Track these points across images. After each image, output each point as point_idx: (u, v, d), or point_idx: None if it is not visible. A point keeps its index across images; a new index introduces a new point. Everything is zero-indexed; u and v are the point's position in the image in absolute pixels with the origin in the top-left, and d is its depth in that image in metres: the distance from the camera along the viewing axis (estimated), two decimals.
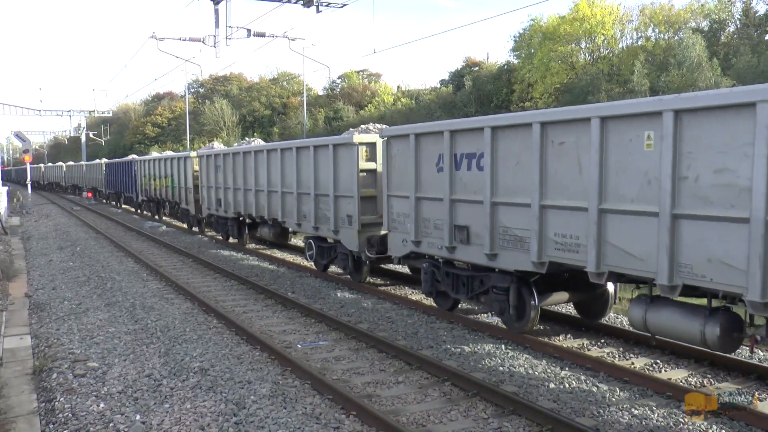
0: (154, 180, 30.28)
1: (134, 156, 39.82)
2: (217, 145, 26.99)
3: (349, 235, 13.87)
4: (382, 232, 12.94)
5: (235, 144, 27.39)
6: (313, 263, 16.24)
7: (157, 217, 32.19)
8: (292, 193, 16.18)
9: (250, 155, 18.76)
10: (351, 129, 16.49)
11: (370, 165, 13.60)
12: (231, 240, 22.09)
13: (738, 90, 6.79)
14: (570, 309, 11.86)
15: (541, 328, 10.60)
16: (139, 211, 36.18)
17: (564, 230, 8.60)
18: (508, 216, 9.51)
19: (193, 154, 25.53)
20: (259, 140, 23.32)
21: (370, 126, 15.65)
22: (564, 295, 10.08)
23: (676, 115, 7.10)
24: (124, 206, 40.69)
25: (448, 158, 10.51)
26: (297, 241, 21.29)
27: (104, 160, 51.52)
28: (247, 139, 29.48)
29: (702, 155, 6.94)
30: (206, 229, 25.22)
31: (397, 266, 15.18)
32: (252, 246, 21.16)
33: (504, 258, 9.67)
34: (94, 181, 50.74)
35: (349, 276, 14.66)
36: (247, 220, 20.40)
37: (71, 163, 69.81)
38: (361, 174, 13.48)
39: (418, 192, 11.34)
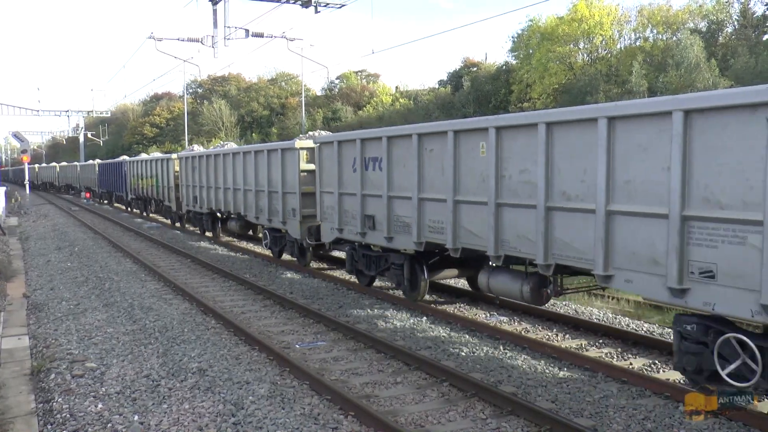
0: (142, 180, 32.60)
1: (125, 157, 42.10)
2: (197, 148, 29.72)
3: (293, 226, 16.36)
4: (318, 223, 15.16)
5: (212, 146, 29.87)
6: (269, 251, 18.81)
7: (144, 214, 34.38)
8: (251, 191, 18.79)
9: (220, 157, 21.39)
10: (302, 135, 19.21)
11: (311, 166, 15.71)
12: (207, 233, 24.39)
13: (531, 114, 9.48)
14: (569, 310, 11.87)
15: (539, 329, 10.62)
16: (129, 208, 38.30)
17: (434, 217, 10.94)
18: (399, 207, 11.85)
19: (174, 156, 28.12)
20: (232, 144, 26.55)
21: (316, 133, 18.14)
22: (453, 271, 12.44)
23: (497, 131, 9.42)
24: (116, 204, 42.71)
25: (360, 161, 12.78)
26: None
27: (97, 161, 53.75)
28: (221, 142, 31.79)
29: (513, 160, 9.26)
30: (187, 225, 27.33)
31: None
32: (226, 239, 23.44)
33: (397, 240, 12.00)
34: (87, 181, 52.63)
35: (295, 259, 17.20)
36: (220, 215, 22.95)
37: (64, 163, 71.53)
38: (302, 174, 15.89)
39: (340, 189, 13.55)
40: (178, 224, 28.46)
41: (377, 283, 14.16)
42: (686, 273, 6.91)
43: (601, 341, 9.86)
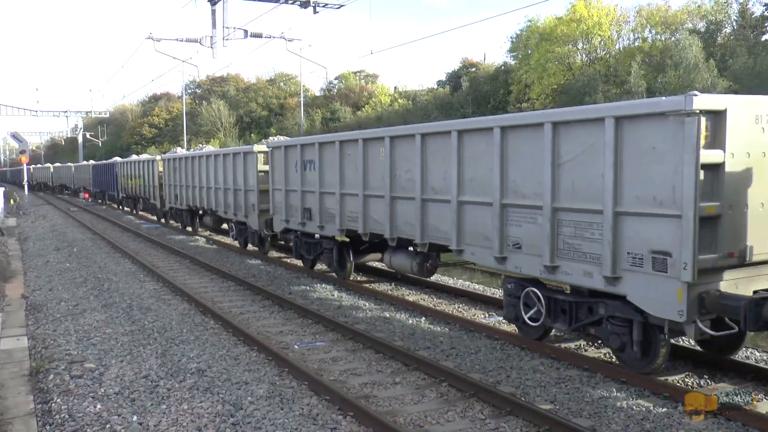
0: (131, 179, 35.30)
1: (117, 158, 44.65)
2: (180, 150, 32.54)
3: (253, 218, 18.84)
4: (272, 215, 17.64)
5: (189, 150, 33.56)
6: (236, 242, 21.55)
7: (134, 211, 36.54)
8: (221, 189, 21.51)
9: (197, 159, 24.10)
10: (262, 141, 23.33)
11: (267, 167, 17.80)
12: (187, 228, 26.82)
13: (410, 126, 12.36)
14: None
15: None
16: (120, 206, 40.70)
17: (351, 209, 13.41)
18: (328, 201, 14.29)
19: (158, 157, 30.98)
20: (210, 147, 30.19)
21: (274, 138, 21.49)
22: (377, 255, 14.65)
23: (390, 139, 12.00)
24: (107, 202, 45.24)
25: (300, 163, 15.32)
26: None
27: (91, 162, 56.33)
28: (200, 145, 34.28)
29: (401, 163, 11.79)
30: (170, 221, 29.60)
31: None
32: (205, 233, 25.76)
33: (327, 228, 14.42)
34: (81, 181, 54.83)
35: (257, 249, 19.72)
36: (197, 211, 25.56)
37: (58, 164, 74.12)
38: (260, 173, 18.29)
39: (286, 186, 16.12)
40: (162, 220, 30.69)
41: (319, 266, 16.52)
42: (505, 245, 9.50)
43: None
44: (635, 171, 7.59)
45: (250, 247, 20.56)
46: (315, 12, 25.33)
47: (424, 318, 11.53)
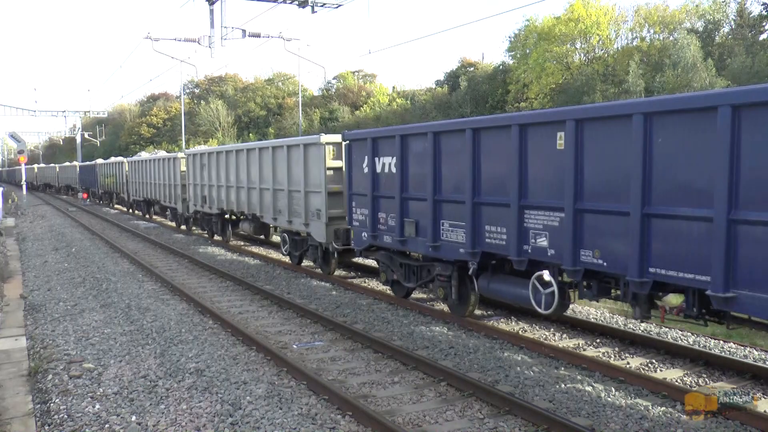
0: (107, 178, 42.88)
1: (99, 160, 50.54)
2: (144, 154, 37.91)
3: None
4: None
5: (154, 154, 38.44)
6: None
7: (110, 204, 44.13)
8: (162, 185, 27.29)
9: (150, 162, 31.04)
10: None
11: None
12: (147, 216, 33.79)
13: (311, 137, 15.56)
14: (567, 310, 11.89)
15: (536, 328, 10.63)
16: (99, 201, 47.67)
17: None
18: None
19: (126, 160, 38.46)
20: (163, 152, 36.04)
21: (159, 152, 28.77)
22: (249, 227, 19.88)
23: (305, 147, 15.37)
24: (91, 198, 51.59)
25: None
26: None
27: (76, 162, 63.37)
28: (155, 149, 48.06)
29: (288, 167, 16.16)
30: (136, 211, 36.91)
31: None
32: (158, 219, 32.27)
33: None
34: (67, 180, 61.90)
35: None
36: (151, 201, 31.66)
37: (43, 165, 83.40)
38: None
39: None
40: (130, 210, 38.47)
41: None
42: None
43: (598, 341, 9.88)
44: None
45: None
46: (313, 11, 25.27)
47: (422, 317, 11.53)
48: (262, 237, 21.74)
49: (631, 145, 7.51)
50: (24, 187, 46.06)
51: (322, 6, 24.97)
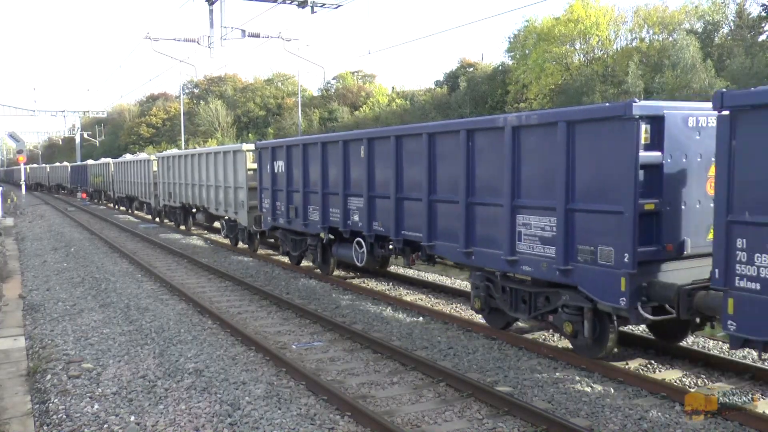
0: (96, 177, 47.48)
1: (89, 161, 55.97)
2: (128, 156, 42.10)
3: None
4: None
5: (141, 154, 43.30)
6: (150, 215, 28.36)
7: (98, 201, 48.98)
8: (140, 183, 31.95)
9: (130, 163, 35.76)
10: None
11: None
12: (129, 211, 38.09)
13: (235, 146, 20.13)
14: None
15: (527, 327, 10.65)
16: (90, 198, 51.42)
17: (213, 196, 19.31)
18: (205, 193, 20.89)
19: (111, 161, 43.45)
20: (143, 154, 40.91)
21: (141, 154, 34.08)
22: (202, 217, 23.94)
23: (233, 153, 19.51)
24: (80, 195, 55.74)
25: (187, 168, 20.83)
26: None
27: (66, 163, 68.32)
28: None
29: (224, 168, 20.20)
30: (120, 207, 41.49)
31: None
32: (140, 214, 35.91)
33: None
34: (57, 179, 66.92)
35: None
36: (131, 196, 36.60)
37: (35, 165, 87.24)
38: (153, 172, 25.68)
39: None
40: (115, 206, 42.80)
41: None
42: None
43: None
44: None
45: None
46: (313, 12, 25.29)
47: (421, 318, 11.54)
48: (215, 225, 24.89)
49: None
50: (23, 186, 46.03)
51: (321, 6, 24.99)
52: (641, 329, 10.43)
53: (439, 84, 62.03)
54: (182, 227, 27.59)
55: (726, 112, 6.65)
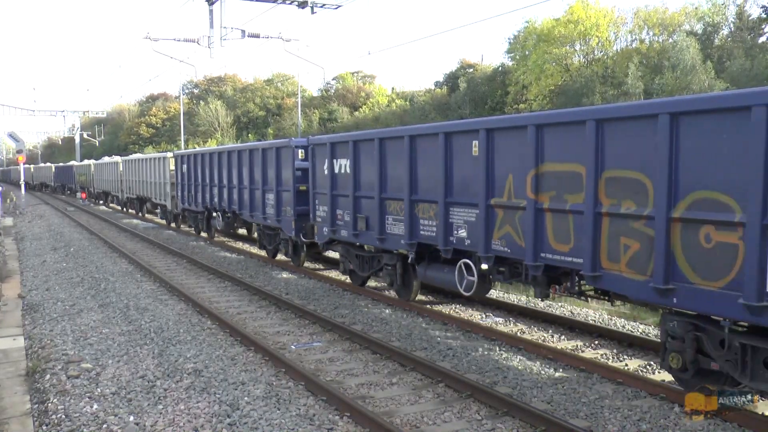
0: (81, 176, 53.38)
1: (73, 162, 64.65)
2: (106, 159, 48.26)
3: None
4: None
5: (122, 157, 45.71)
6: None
7: (85, 195, 53.57)
8: (112, 180, 37.88)
9: (105, 165, 43.10)
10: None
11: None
12: (104, 203, 46.03)
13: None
14: (565, 311, 11.89)
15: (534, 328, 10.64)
16: (74, 195, 56.56)
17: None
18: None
19: (92, 162, 51.06)
20: (116, 158, 42.30)
21: (114, 157, 39.75)
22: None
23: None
24: (67, 192, 61.97)
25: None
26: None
27: (50, 164, 76.42)
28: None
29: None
30: (99, 201, 48.21)
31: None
32: (113, 206, 43.09)
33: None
34: (41, 178, 73.88)
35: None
36: (107, 193, 43.18)
37: (12, 167, 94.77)
38: (120, 172, 32.81)
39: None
40: (96, 200, 48.91)
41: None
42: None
43: (596, 342, 9.88)
44: None
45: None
46: (313, 12, 25.32)
47: (421, 319, 11.54)
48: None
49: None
50: (23, 186, 46.04)
51: (321, 6, 25.02)
52: (640, 330, 10.44)
53: (439, 85, 62.02)
54: (131, 211, 36.57)
55: None
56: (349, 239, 13.49)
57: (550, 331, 10.55)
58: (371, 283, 14.40)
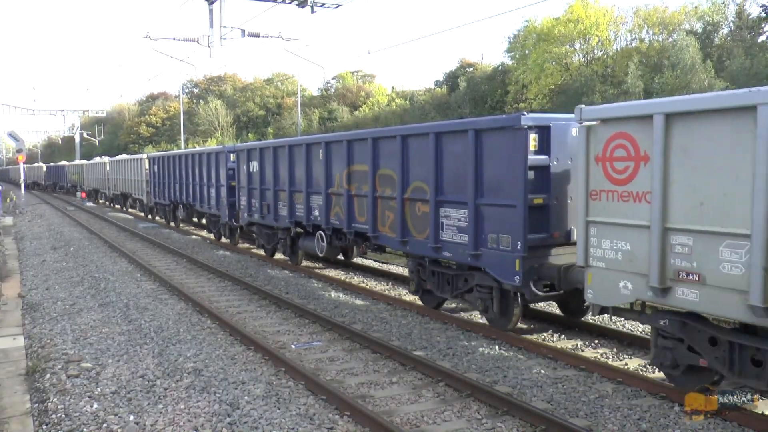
0: (73, 175, 58.40)
1: (64, 162, 69.35)
2: (97, 159, 52.14)
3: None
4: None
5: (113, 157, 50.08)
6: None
7: (75, 195, 56.45)
8: (101, 179, 42.32)
9: (95, 165, 47.70)
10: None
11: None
12: (94, 199, 48.99)
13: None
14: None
15: (529, 326, 10.64)
16: (68, 193, 60.02)
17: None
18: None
19: (84, 162, 55.67)
20: (105, 159, 47.58)
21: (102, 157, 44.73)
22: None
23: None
24: (58, 190, 65.97)
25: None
26: None
27: (41, 163, 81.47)
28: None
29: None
30: (91, 198, 49.85)
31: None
32: (101, 201, 47.33)
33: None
34: (34, 177, 77.10)
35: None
36: (97, 191, 48.04)
37: (10, 167, 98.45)
38: (106, 171, 38.27)
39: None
40: (91, 198, 50.58)
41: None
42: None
43: (596, 342, 9.88)
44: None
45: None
46: (312, 11, 25.32)
47: (420, 318, 11.54)
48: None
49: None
50: (22, 186, 46.06)
51: (321, 6, 25.01)
52: (640, 329, 10.44)
53: (439, 84, 62.00)
54: (117, 206, 41.54)
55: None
56: (258, 221, 18.11)
57: (550, 330, 10.54)
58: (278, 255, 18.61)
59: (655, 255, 7.09)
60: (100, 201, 47.62)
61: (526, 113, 9.34)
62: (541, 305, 11.73)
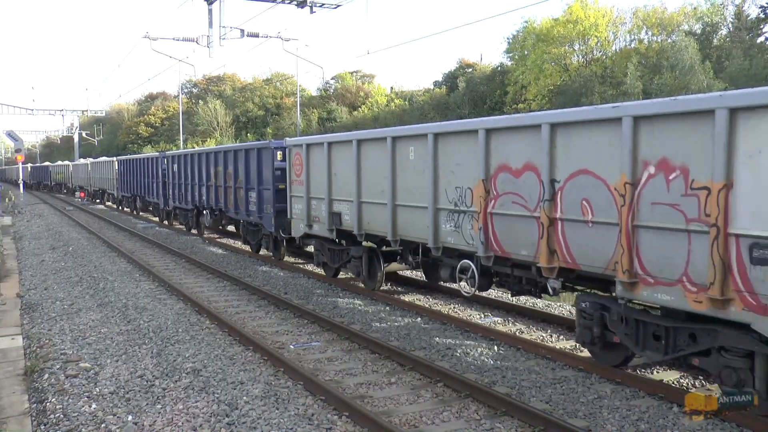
0: (58, 174, 64.70)
1: (47, 162, 77.58)
2: (82, 161, 57.47)
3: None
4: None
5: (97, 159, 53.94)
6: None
7: (63, 190, 62.54)
8: (86, 178, 50.01)
9: (81, 165, 53.87)
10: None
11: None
12: (80, 196, 51.69)
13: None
14: (564, 311, 11.89)
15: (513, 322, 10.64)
16: (52, 191, 66.29)
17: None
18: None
19: (70, 163, 61.02)
20: (84, 161, 55.24)
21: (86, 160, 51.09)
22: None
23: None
24: (42, 189, 72.99)
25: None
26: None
27: (29, 164, 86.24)
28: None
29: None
30: (76, 194, 54.01)
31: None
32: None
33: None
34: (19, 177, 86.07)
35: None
36: (80, 188, 52.75)
37: (7, 167, 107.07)
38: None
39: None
40: (77, 194, 54.19)
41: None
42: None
43: None
44: None
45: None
46: (312, 12, 25.23)
47: (419, 318, 11.54)
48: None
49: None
50: (21, 185, 46.04)
51: (320, 6, 24.94)
52: None
53: (438, 84, 62.04)
54: (109, 203, 44.60)
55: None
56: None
57: (549, 330, 10.55)
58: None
59: (305, 210, 15.07)
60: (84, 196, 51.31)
61: (273, 141, 16.42)
62: (492, 292, 11.75)
